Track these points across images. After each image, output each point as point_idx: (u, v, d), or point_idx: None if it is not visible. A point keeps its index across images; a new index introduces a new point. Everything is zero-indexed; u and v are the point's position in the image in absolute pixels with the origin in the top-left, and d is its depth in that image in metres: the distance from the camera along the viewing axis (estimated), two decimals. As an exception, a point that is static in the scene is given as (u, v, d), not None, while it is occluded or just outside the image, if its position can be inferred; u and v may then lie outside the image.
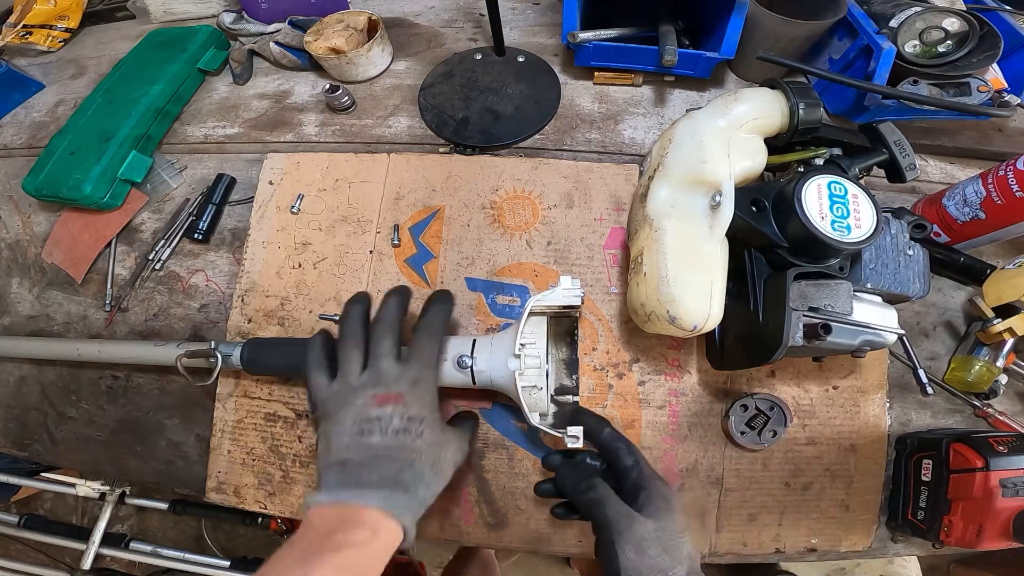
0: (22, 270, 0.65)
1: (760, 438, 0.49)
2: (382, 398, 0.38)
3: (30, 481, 0.78)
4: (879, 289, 0.42)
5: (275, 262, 0.59)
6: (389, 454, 0.37)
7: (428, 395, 0.40)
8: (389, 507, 0.34)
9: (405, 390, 0.39)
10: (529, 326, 0.44)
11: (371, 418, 0.38)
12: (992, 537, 0.41)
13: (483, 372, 0.44)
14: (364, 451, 0.37)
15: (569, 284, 0.44)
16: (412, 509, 0.36)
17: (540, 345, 0.43)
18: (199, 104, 0.71)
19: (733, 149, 0.44)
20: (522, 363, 0.42)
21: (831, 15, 0.57)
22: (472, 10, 0.75)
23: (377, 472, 0.36)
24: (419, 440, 0.38)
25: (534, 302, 0.43)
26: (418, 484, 0.37)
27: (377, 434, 0.37)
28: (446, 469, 0.40)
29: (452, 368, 0.45)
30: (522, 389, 0.41)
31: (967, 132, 0.62)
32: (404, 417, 0.38)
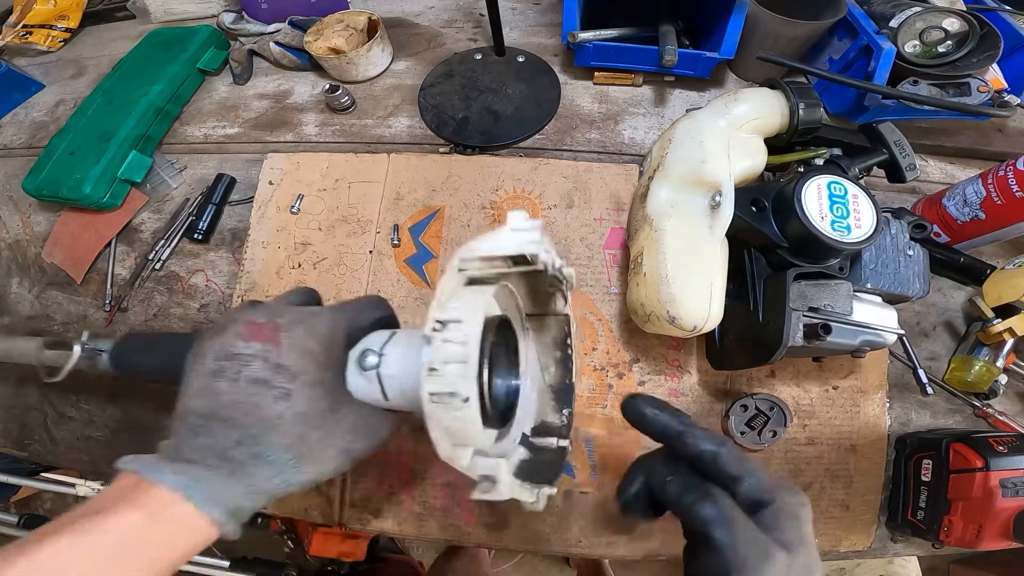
0: (22, 270, 0.65)
1: (760, 438, 0.49)
2: (253, 327, 0.29)
3: (30, 481, 0.78)
4: (879, 289, 0.42)
5: (275, 262, 0.59)
6: (229, 414, 0.27)
7: (316, 343, 0.29)
8: (185, 490, 0.25)
9: (285, 324, 0.29)
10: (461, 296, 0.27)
11: (231, 354, 0.28)
12: (992, 537, 0.41)
13: (393, 378, 0.29)
14: (208, 401, 0.28)
15: (521, 222, 0.28)
16: (233, 498, 0.27)
17: (472, 328, 0.26)
18: (199, 104, 0.71)
19: (733, 149, 0.44)
20: (435, 352, 0.25)
21: (831, 15, 0.57)
22: (472, 10, 0.75)
23: (204, 437, 0.27)
24: (280, 404, 0.27)
25: (465, 252, 0.28)
26: (258, 466, 0.27)
27: (228, 379, 0.28)
28: (325, 457, 0.29)
29: (354, 372, 0.30)
30: (430, 398, 0.25)
31: (967, 132, 0.62)
32: (269, 363, 0.28)
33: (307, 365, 0.28)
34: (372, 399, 0.30)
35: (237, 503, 0.27)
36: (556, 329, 0.37)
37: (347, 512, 0.52)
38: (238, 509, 0.27)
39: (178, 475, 0.26)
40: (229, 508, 0.26)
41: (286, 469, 0.28)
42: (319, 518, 0.52)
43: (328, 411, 0.29)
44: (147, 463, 0.26)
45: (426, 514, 0.51)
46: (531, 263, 0.27)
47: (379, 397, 0.30)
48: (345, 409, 0.30)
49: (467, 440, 0.26)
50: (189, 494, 0.25)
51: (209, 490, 0.26)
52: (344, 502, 0.52)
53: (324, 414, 0.28)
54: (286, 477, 0.28)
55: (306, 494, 0.52)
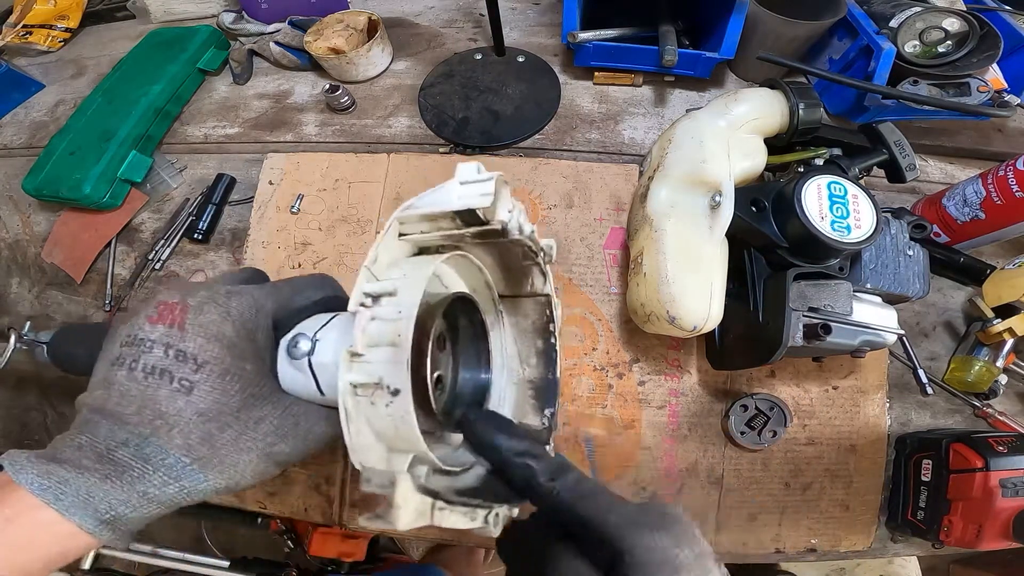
0: (22, 270, 0.65)
1: (760, 438, 0.49)
2: (161, 308, 0.25)
3: (30, 481, 0.78)
4: (879, 289, 0.42)
5: (275, 262, 0.59)
6: (119, 408, 0.24)
7: (232, 327, 0.25)
8: (45, 494, 0.22)
9: (192, 304, 0.25)
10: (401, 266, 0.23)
11: (135, 338, 0.24)
12: (992, 537, 0.41)
13: (328, 368, 0.25)
14: (100, 392, 0.24)
15: (472, 174, 0.23)
16: (110, 504, 0.23)
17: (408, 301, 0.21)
18: (199, 104, 0.71)
19: (733, 149, 0.44)
20: (360, 332, 0.21)
21: (831, 15, 0.57)
22: (472, 10, 0.75)
23: (86, 434, 0.24)
24: (181, 399, 0.23)
25: (403, 212, 0.23)
26: (147, 470, 0.23)
27: (125, 369, 0.24)
28: (238, 462, 0.24)
29: (285, 361, 0.26)
30: (353, 391, 0.21)
31: (967, 132, 0.62)
32: (171, 350, 0.24)
33: (217, 353, 0.24)
34: (307, 394, 0.26)
35: (115, 511, 0.23)
36: (536, 314, 0.31)
37: (347, 512, 0.52)
38: (117, 517, 0.23)
39: (42, 477, 0.22)
40: (103, 516, 0.22)
41: (186, 475, 0.23)
42: (319, 518, 0.52)
43: (241, 409, 0.24)
44: (16, 460, 0.23)
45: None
46: (486, 222, 0.22)
47: (314, 391, 0.25)
48: (269, 406, 0.25)
49: (401, 444, 0.21)
50: (49, 498, 0.22)
51: (76, 495, 0.22)
52: (344, 502, 0.52)
53: (236, 412, 0.24)
54: (186, 484, 0.24)
55: (306, 494, 0.52)
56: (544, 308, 0.31)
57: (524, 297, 0.31)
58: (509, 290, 0.31)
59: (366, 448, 0.21)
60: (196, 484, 0.24)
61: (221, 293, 0.26)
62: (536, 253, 0.27)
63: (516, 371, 0.31)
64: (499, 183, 0.22)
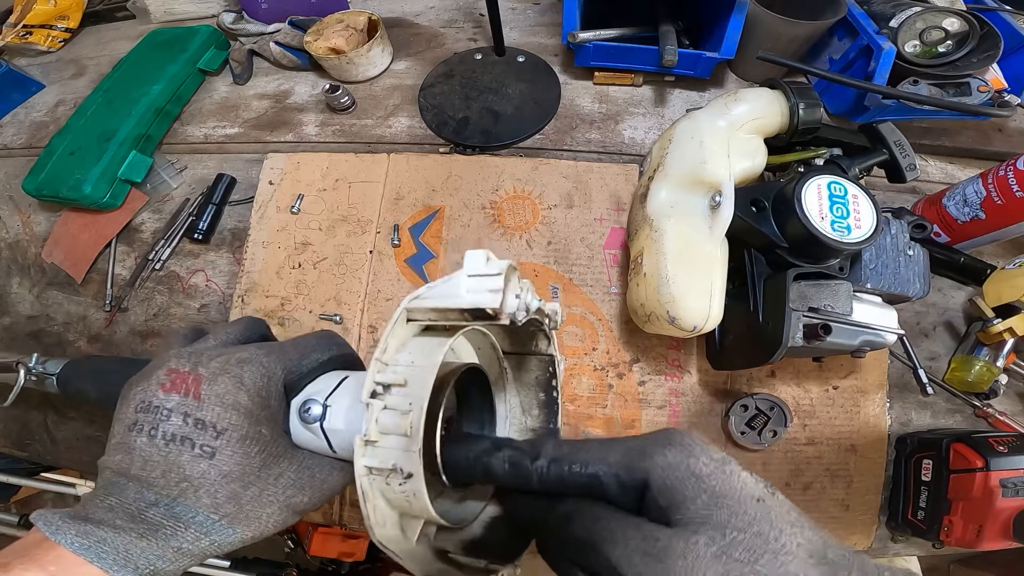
0: (22, 270, 0.65)
1: (760, 438, 0.49)
2: (174, 376, 0.26)
3: (30, 481, 0.78)
4: (879, 289, 0.42)
5: (275, 262, 0.59)
6: (144, 473, 0.24)
7: (247, 396, 0.26)
8: (87, 553, 0.23)
9: (208, 375, 0.26)
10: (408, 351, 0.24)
11: (150, 406, 0.25)
12: (992, 537, 0.41)
13: (339, 432, 0.26)
14: (121, 457, 0.25)
15: (479, 265, 0.23)
16: (148, 560, 0.24)
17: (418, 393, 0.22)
18: (199, 104, 0.71)
19: (733, 149, 0.44)
20: (373, 422, 0.22)
21: (831, 15, 0.57)
22: (472, 10, 0.75)
23: (115, 496, 0.24)
24: (204, 463, 0.25)
25: (411, 302, 0.24)
26: (181, 529, 0.24)
27: (145, 435, 0.25)
28: (262, 515, 0.26)
29: (296, 421, 0.27)
30: (368, 472, 0.22)
31: (967, 132, 0.62)
32: (189, 419, 0.25)
33: (235, 420, 0.25)
34: (320, 450, 0.27)
35: (153, 565, 0.24)
36: (539, 370, 0.32)
37: (347, 512, 0.52)
38: (155, 572, 0.24)
39: (80, 536, 0.23)
40: (143, 571, 0.23)
41: (215, 530, 0.25)
42: (319, 518, 0.52)
43: (262, 468, 0.26)
44: (50, 521, 0.23)
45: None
46: (495, 317, 0.22)
47: (326, 449, 0.27)
48: (286, 462, 0.27)
49: (415, 513, 0.22)
50: (91, 556, 0.22)
51: (117, 553, 0.23)
52: (344, 502, 0.52)
53: (258, 471, 0.26)
54: (216, 539, 0.25)
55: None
56: (547, 366, 0.31)
57: (528, 355, 0.32)
58: (513, 348, 0.32)
59: (383, 521, 0.22)
60: (226, 538, 0.25)
61: (232, 363, 0.27)
62: (541, 323, 0.28)
63: (519, 420, 0.32)
64: (508, 274, 0.22)
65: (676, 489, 0.20)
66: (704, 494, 0.19)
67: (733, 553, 0.18)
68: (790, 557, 0.18)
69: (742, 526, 0.19)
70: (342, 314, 0.56)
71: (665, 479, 0.20)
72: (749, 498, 0.20)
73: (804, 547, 0.19)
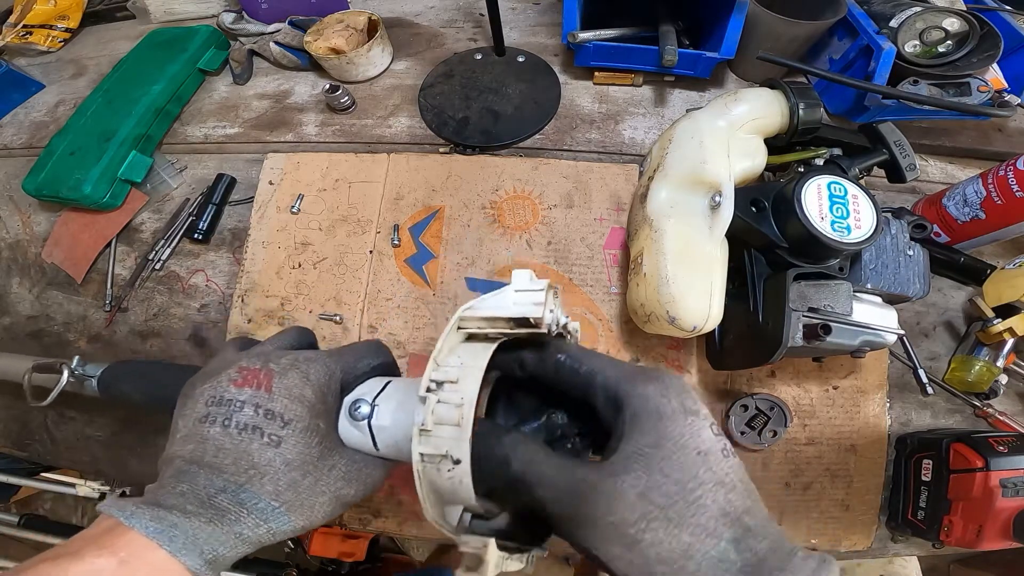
0: (22, 270, 0.65)
1: (760, 438, 0.49)
2: (245, 373, 0.28)
3: (30, 481, 0.78)
4: (879, 289, 0.42)
5: (275, 262, 0.59)
6: (217, 460, 0.26)
7: (311, 390, 0.29)
8: (159, 536, 0.24)
9: (279, 369, 0.29)
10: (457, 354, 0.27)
11: (222, 399, 0.28)
12: (992, 537, 0.41)
13: (386, 429, 0.29)
14: (193, 447, 0.27)
15: (525, 282, 0.27)
16: (212, 546, 0.25)
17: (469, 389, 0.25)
18: (199, 104, 0.71)
19: (733, 149, 0.44)
20: (429, 414, 0.25)
21: (831, 15, 0.57)
22: (472, 10, 0.75)
23: (187, 483, 0.26)
24: (271, 451, 0.27)
25: (465, 312, 0.28)
26: (244, 515, 0.26)
27: (218, 426, 0.27)
28: (315, 504, 0.28)
29: (345, 420, 0.30)
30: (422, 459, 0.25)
31: (967, 132, 0.62)
32: (260, 409, 0.27)
33: (300, 412, 0.28)
34: (363, 447, 0.30)
35: (216, 551, 0.25)
36: None
37: (347, 512, 0.52)
38: (217, 557, 0.26)
39: (154, 521, 0.24)
40: (207, 556, 0.25)
41: (273, 517, 0.27)
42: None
43: (319, 458, 0.28)
44: (124, 507, 0.25)
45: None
46: (535, 326, 0.26)
47: (370, 446, 0.30)
48: (337, 455, 0.29)
49: (458, 499, 0.26)
50: (163, 541, 0.24)
51: (185, 537, 0.25)
52: (344, 502, 0.52)
53: (316, 461, 0.28)
54: (273, 525, 0.27)
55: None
56: None
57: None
58: None
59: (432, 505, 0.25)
60: (281, 525, 0.27)
61: (300, 360, 0.30)
62: (564, 337, 0.31)
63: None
64: (548, 292, 0.27)
65: (638, 419, 0.23)
66: (655, 432, 0.22)
67: (652, 496, 0.21)
68: (703, 511, 0.21)
69: (669, 472, 0.21)
70: (342, 314, 0.56)
71: (635, 407, 0.23)
72: (691, 449, 0.22)
73: (720, 506, 0.21)
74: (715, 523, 0.21)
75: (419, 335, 0.55)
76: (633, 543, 0.21)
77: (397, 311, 0.56)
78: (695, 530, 0.21)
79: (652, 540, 0.21)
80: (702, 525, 0.21)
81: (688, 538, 0.21)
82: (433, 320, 0.55)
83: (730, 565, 0.20)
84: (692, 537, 0.21)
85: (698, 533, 0.21)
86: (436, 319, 0.55)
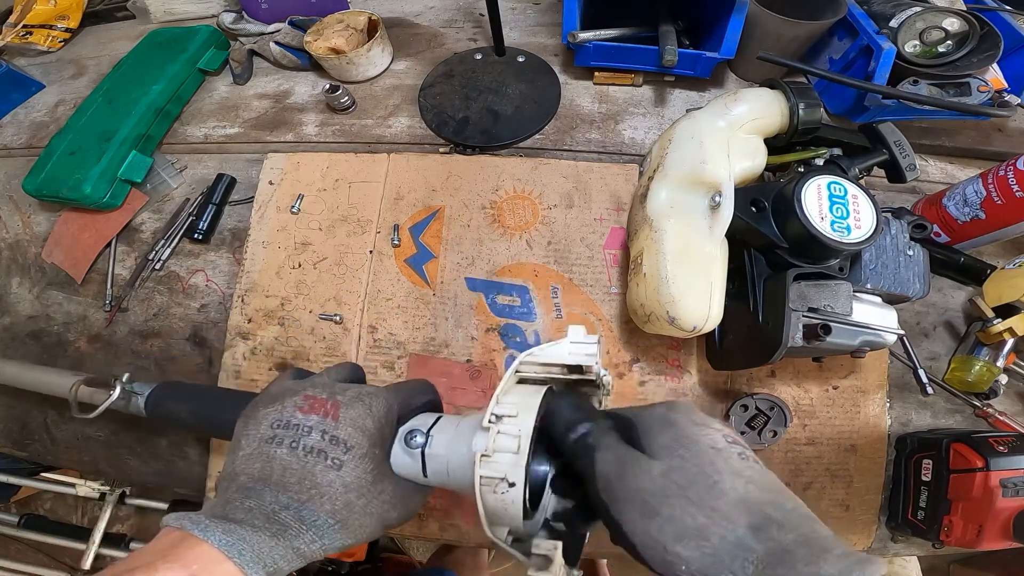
0: (22, 270, 0.65)
1: (760, 438, 0.49)
2: (312, 401, 0.31)
3: (30, 481, 0.78)
4: (879, 289, 0.42)
5: (275, 262, 0.59)
6: (283, 479, 0.29)
7: (372, 421, 0.31)
8: (230, 549, 0.25)
9: (343, 401, 0.31)
10: (515, 393, 0.31)
11: (289, 424, 0.30)
12: (992, 537, 0.41)
13: (438, 458, 0.32)
14: (261, 466, 0.29)
15: (580, 336, 0.32)
16: (274, 559, 0.27)
17: (525, 423, 0.29)
18: (199, 104, 0.71)
19: (733, 149, 0.44)
20: (491, 442, 0.28)
21: (831, 15, 0.57)
22: (472, 10, 0.75)
23: (254, 499, 0.28)
24: (332, 473, 0.29)
25: (526, 357, 0.32)
26: (303, 531, 0.28)
27: (285, 447, 0.29)
28: (363, 524, 0.30)
29: (399, 449, 0.33)
30: (481, 481, 0.28)
31: (967, 132, 0.62)
32: (327, 436, 0.30)
33: (361, 440, 0.30)
34: (410, 474, 0.33)
35: (276, 564, 0.27)
36: None
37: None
38: (276, 571, 0.27)
39: (226, 535, 0.26)
40: (268, 569, 0.27)
41: (327, 534, 0.29)
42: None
43: (372, 483, 0.30)
44: (197, 521, 0.26)
45: (426, 514, 0.51)
46: (584, 373, 0.31)
47: (418, 473, 0.33)
48: (388, 481, 0.32)
49: (506, 521, 0.29)
50: (234, 553, 0.25)
51: (253, 551, 0.26)
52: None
53: (369, 486, 0.30)
54: (326, 542, 0.29)
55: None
56: None
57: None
58: None
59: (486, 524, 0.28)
60: (333, 542, 0.29)
61: (364, 394, 0.32)
62: (599, 388, 0.35)
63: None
64: (600, 344, 0.31)
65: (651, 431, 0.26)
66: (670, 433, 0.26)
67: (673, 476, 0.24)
68: (721, 496, 0.23)
69: (691, 458, 0.24)
70: (342, 314, 0.56)
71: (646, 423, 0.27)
72: (707, 446, 0.25)
73: (739, 493, 0.23)
74: (732, 509, 0.22)
75: (419, 335, 0.55)
76: (653, 514, 0.24)
77: (397, 311, 0.56)
78: (712, 513, 0.22)
79: (670, 515, 0.23)
80: (719, 509, 0.22)
81: (704, 519, 0.22)
82: (433, 320, 0.55)
83: (749, 552, 0.21)
84: (708, 519, 0.22)
85: (715, 516, 0.22)
86: (436, 319, 0.55)
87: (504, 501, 0.28)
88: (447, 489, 0.33)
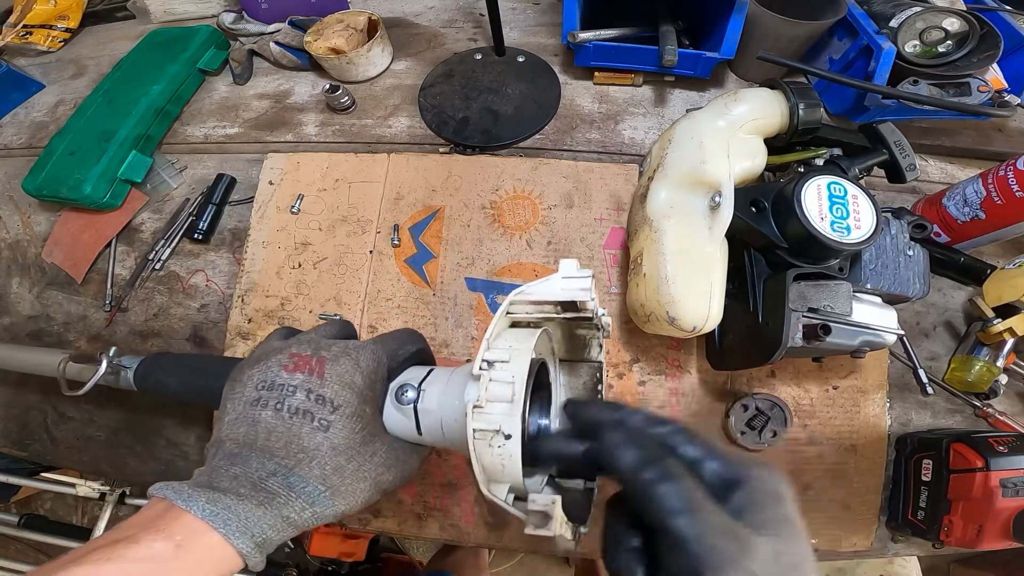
0: (22, 270, 0.65)
1: (760, 438, 0.49)
2: (296, 359, 0.29)
3: (30, 481, 0.78)
4: (879, 290, 0.42)
5: (275, 262, 0.59)
6: (268, 443, 0.27)
7: (361, 377, 0.29)
8: (215, 519, 0.24)
9: (329, 357, 0.29)
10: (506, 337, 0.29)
11: (274, 384, 0.28)
12: (992, 537, 0.41)
13: (431, 412, 0.30)
14: (246, 430, 0.28)
15: (572, 270, 0.29)
16: (262, 529, 0.26)
17: (519, 368, 0.26)
18: (199, 104, 0.71)
19: (733, 149, 0.44)
20: (483, 391, 0.26)
21: (831, 15, 0.57)
22: (472, 10, 0.75)
23: (240, 465, 0.27)
24: (320, 436, 0.27)
25: (515, 296, 0.29)
26: (292, 499, 0.27)
27: (270, 409, 0.28)
28: (356, 489, 0.28)
29: (391, 405, 0.31)
30: (475, 434, 0.26)
31: (967, 132, 0.62)
32: (312, 395, 0.28)
33: (349, 397, 0.29)
34: (405, 433, 0.31)
35: (265, 534, 0.26)
36: (587, 376, 0.37)
37: (347, 512, 0.52)
38: (265, 540, 0.26)
39: (210, 504, 0.25)
40: (257, 540, 0.26)
41: (319, 501, 0.27)
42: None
43: (362, 444, 0.29)
44: (179, 490, 0.25)
45: (426, 514, 0.51)
46: (579, 310, 0.28)
47: (412, 431, 0.30)
48: (379, 442, 0.30)
49: (504, 477, 0.26)
50: (218, 523, 0.24)
51: (239, 520, 0.25)
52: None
53: (359, 447, 0.28)
54: (317, 509, 0.27)
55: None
56: (595, 372, 0.37)
57: (579, 362, 0.38)
58: (568, 356, 0.38)
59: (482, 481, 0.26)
60: (325, 509, 0.28)
61: (351, 348, 0.30)
62: (599, 330, 0.33)
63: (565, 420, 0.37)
64: (592, 280, 0.29)
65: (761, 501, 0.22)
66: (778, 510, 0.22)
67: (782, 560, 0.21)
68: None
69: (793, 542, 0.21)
70: (342, 314, 0.56)
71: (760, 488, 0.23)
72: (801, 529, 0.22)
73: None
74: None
75: (419, 335, 0.55)
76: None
77: (397, 311, 0.56)
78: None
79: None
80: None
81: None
82: (433, 320, 0.55)
83: None
84: None
85: None
86: (436, 319, 0.55)
87: (501, 455, 0.25)
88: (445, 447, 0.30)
